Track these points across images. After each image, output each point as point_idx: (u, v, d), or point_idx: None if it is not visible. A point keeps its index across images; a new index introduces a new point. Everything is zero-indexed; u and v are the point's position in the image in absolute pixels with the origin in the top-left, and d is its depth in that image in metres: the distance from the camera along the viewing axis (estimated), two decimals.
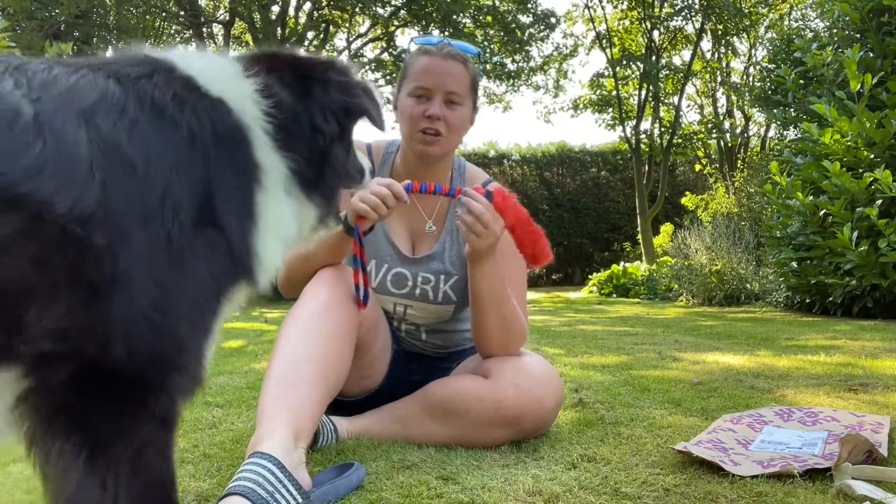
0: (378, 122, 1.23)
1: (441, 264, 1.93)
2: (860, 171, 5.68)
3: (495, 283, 1.76)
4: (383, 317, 1.94)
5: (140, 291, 0.85)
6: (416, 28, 16.02)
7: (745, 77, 17.96)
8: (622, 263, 12.75)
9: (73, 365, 0.82)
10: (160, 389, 0.87)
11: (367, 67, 16.13)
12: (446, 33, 14.96)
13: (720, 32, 17.29)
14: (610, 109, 18.24)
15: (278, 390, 1.53)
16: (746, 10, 16.55)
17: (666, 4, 17.25)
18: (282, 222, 1.07)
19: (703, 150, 18.49)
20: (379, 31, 16.41)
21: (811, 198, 6.04)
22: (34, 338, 0.80)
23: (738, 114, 18.39)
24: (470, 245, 1.69)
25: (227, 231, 0.95)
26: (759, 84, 11.85)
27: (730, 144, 17.63)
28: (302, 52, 1.24)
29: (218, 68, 1.06)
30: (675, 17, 17.11)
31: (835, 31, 6.91)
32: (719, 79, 18.25)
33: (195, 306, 0.92)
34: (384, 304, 1.96)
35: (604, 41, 18.02)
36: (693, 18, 17.05)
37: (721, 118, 18.13)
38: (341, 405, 1.90)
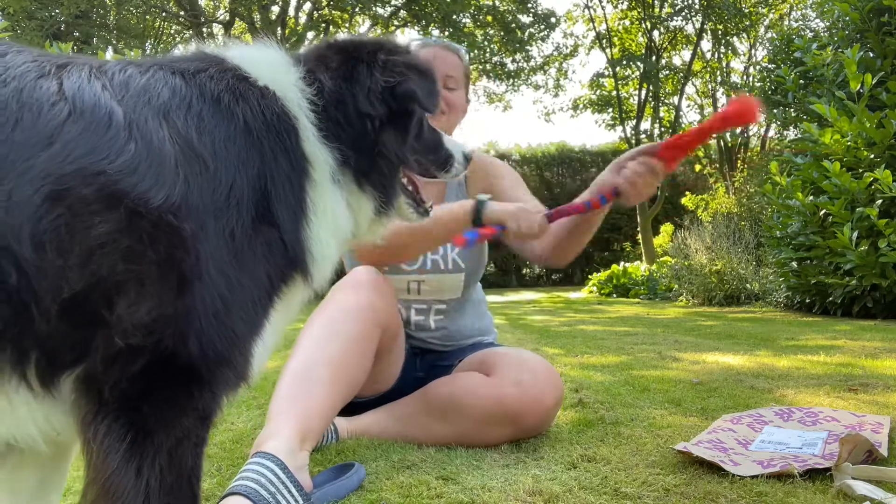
0: (425, 104, 1.13)
1: None
2: (860, 171, 5.68)
3: (597, 219, 1.80)
4: (401, 322, 1.95)
5: (213, 285, 0.88)
6: (416, 28, 16.02)
7: (745, 77, 17.96)
8: (622, 263, 12.76)
9: (149, 357, 0.84)
10: (207, 384, 0.89)
11: None
12: (447, 33, 14.97)
13: (720, 32, 17.29)
14: (610, 109, 18.25)
15: (292, 390, 1.53)
16: (746, 10, 16.55)
17: (666, 4, 17.25)
18: (334, 217, 1.05)
19: (703, 150, 18.47)
20: (379, 31, 16.40)
21: (811, 198, 6.04)
22: (125, 331, 0.82)
23: None
24: (625, 198, 1.63)
25: (281, 228, 0.96)
26: (759, 84, 11.85)
27: (730, 144, 17.63)
28: (364, 36, 1.18)
29: (266, 59, 1.06)
30: (675, 17, 17.12)
31: (835, 31, 6.91)
32: (719, 79, 18.25)
33: (251, 303, 0.93)
34: (398, 284, 1.98)
35: (604, 41, 18.03)
36: (693, 18, 17.07)
37: None
38: (346, 404, 1.90)
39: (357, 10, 15.82)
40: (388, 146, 1.10)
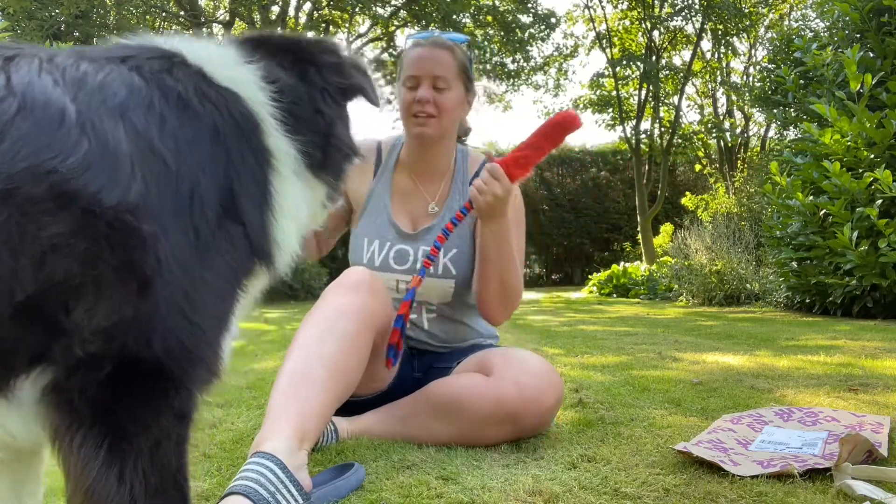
0: (373, 99, 1.25)
1: None
2: (860, 171, 5.68)
3: (501, 243, 1.87)
4: None
5: (176, 285, 0.86)
6: (416, 28, 16.02)
7: (745, 77, 17.96)
8: (622, 263, 12.76)
9: (114, 362, 0.83)
10: (180, 382, 0.88)
11: None
12: None
13: (720, 32, 17.29)
14: (610, 109, 18.25)
15: (289, 390, 1.53)
16: (746, 10, 16.55)
17: (666, 4, 17.25)
18: (297, 206, 1.08)
19: (703, 150, 18.49)
20: (379, 31, 16.42)
21: (811, 198, 6.04)
22: (84, 339, 0.81)
23: (738, 114, 18.41)
24: (476, 206, 1.80)
25: (246, 223, 0.97)
26: (759, 84, 11.85)
27: (730, 144, 17.64)
28: (289, 33, 1.26)
29: (222, 58, 1.07)
30: (675, 17, 17.11)
31: (835, 31, 6.91)
32: (719, 79, 18.25)
33: (218, 299, 0.93)
34: (387, 283, 1.98)
35: (604, 41, 18.02)
36: (693, 18, 17.06)
37: (721, 118, 18.14)
38: (345, 404, 1.90)
39: (357, 10, 15.82)
40: (341, 139, 1.19)
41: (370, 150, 2.10)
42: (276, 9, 15.75)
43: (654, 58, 17.35)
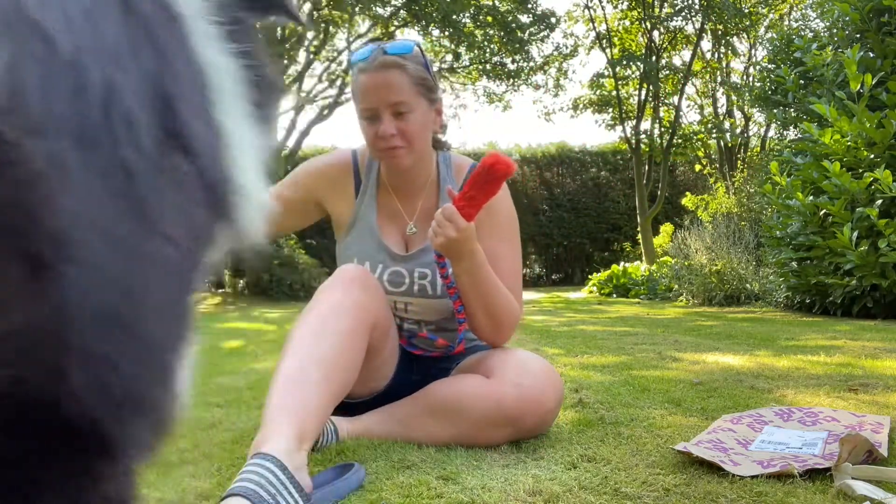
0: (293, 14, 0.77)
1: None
2: (860, 171, 5.68)
3: (477, 280, 1.82)
4: (393, 320, 1.94)
5: (98, 266, 0.45)
6: (416, 28, 16.03)
7: (745, 77, 17.96)
8: (622, 263, 12.76)
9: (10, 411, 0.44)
10: (115, 445, 0.49)
11: None
12: (446, 33, 14.98)
13: (720, 32, 17.30)
14: (610, 109, 18.25)
15: (285, 391, 1.53)
16: (746, 10, 16.56)
17: (666, 4, 17.26)
18: (252, 147, 0.67)
19: (703, 150, 18.49)
20: (379, 32, 16.40)
21: (811, 198, 6.04)
22: None
23: (738, 114, 18.40)
24: (435, 248, 1.78)
25: (199, 155, 0.55)
26: (759, 84, 11.84)
27: (730, 144, 17.63)
28: None
29: None
30: (675, 17, 17.12)
31: (835, 31, 6.91)
32: (719, 79, 18.26)
33: (167, 290, 0.52)
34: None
35: (604, 41, 18.02)
36: (693, 18, 17.06)
37: (721, 118, 18.14)
38: (343, 405, 1.90)
39: (357, 10, 15.82)
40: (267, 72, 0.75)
41: (345, 163, 2.03)
42: None
43: (654, 58, 17.35)
